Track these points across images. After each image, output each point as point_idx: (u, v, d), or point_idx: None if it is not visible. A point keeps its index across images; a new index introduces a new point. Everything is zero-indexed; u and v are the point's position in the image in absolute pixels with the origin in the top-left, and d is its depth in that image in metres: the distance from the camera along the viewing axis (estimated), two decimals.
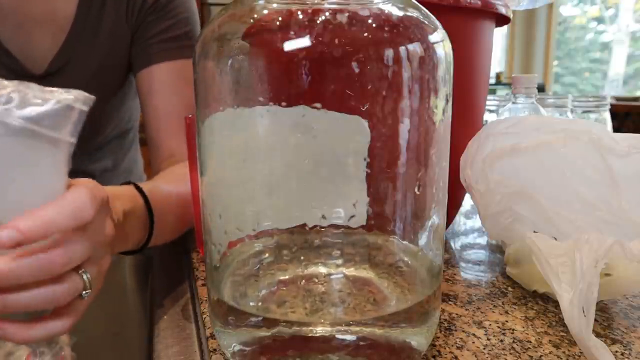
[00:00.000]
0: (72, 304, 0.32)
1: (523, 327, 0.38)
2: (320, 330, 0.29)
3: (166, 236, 0.51)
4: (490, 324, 0.38)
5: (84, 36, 0.62)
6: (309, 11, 0.28)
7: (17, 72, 0.61)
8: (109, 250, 0.36)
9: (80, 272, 0.32)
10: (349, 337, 0.29)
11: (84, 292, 0.32)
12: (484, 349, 0.35)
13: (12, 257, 0.28)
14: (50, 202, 0.29)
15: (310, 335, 0.29)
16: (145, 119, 0.67)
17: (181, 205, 0.51)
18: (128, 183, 0.46)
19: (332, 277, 0.34)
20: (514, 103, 0.75)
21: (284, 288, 0.34)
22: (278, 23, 0.29)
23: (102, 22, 0.62)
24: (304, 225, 0.32)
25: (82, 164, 0.77)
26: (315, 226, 0.32)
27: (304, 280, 0.34)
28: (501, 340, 0.36)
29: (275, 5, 0.30)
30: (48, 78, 0.63)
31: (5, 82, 0.27)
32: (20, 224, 0.27)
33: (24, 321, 0.30)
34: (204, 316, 0.40)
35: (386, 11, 0.29)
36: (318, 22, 0.28)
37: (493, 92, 3.54)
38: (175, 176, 0.55)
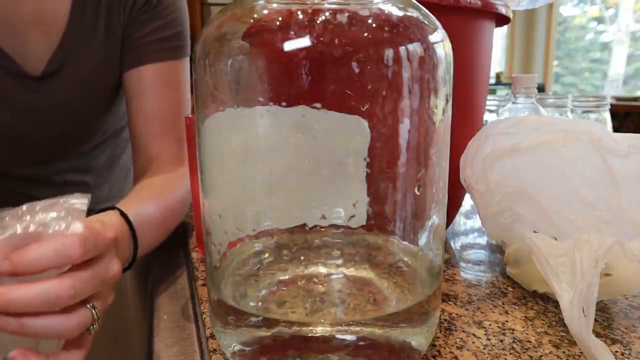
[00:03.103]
0: (81, 338, 0.35)
1: (523, 327, 0.38)
2: (320, 330, 0.29)
3: (150, 249, 0.53)
4: (490, 324, 0.38)
5: (80, 37, 0.62)
6: (309, 11, 0.28)
7: (14, 73, 0.61)
8: (113, 288, 0.38)
9: (89, 306, 0.34)
10: (349, 337, 0.29)
11: (91, 327, 0.34)
12: (484, 349, 0.35)
13: (20, 285, 0.31)
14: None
15: (310, 335, 0.29)
16: (130, 119, 0.65)
17: (165, 218, 0.53)
18: (113, 208, 0.47)
19: (332, 277, 0.34)
20: (514, 103, 0.75)
21: (284, 288, 0.34)
22: (278, 23, 0.29)
23: (98, 22, 0.62)
24: (304, 225, 0.32)
25: (81, 162, 0.77)
26: (315, 226, 0.32)
27: (304, 280, 0.34)
28: (501, 340, 0.36)
29: (275, 5, 0.30)
30: (46, 79, 0.63)
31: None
32: (13, 256, 0.31)
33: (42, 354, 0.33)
34: (204, 316, 0.40)
35: (386, 11, 0.29)
36: (318, 22, 0.28)
37: (493, 92, 3.54)
38: (158, 188, 0.56)
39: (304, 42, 0.27)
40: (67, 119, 0.68)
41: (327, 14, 0.28)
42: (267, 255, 0.35)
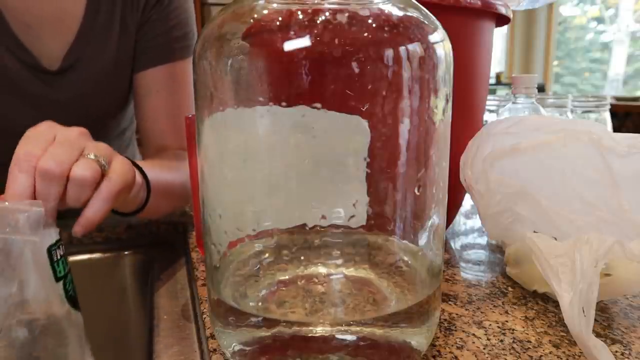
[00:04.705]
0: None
1: (523, 327, 0.38)
2: (320, 330, 0.29)
3: (160, 208, 0.57)
4: (490, 324, 0.38)
5: (95, 34, 0.63)
6: (309, 11, 0.28)
7: (31, 66, 0.62)
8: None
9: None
10: (349, 337, 0.29)
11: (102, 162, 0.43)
12: (484, 349, 0.35)
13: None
14: None
15: (310, 335, 0.29)
16: (141, 119, 0.68)
17: (167, 186, 0.57)
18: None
19: (332, 277, 0.34)
20: (514, 103, 0.75)
21: (284, 288, 0.34)
22: (278, 23, 0.29)
23: (113, 21, 0.63)
24: (304, 225, 0.32)
25: None
26: (315, 226, 0.32)
27: (303, 281, 0.34)
28: (501, 340, 0.36)
29: (275, 5, 0.30)
30: (61, 74, 0.64)
31: None
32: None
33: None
34: (204, 316, 0.40)
35: (386, 11, 0.29)
36: (318, 22, 0.28)
37: (493, 92, 3.53)
38: (165, 163, 0.60)
39: (304, 42, 0.27)
40: (79, 116, 0.69)
41: (327, 14, 0.28)
42: (267, 255, 0.35)
